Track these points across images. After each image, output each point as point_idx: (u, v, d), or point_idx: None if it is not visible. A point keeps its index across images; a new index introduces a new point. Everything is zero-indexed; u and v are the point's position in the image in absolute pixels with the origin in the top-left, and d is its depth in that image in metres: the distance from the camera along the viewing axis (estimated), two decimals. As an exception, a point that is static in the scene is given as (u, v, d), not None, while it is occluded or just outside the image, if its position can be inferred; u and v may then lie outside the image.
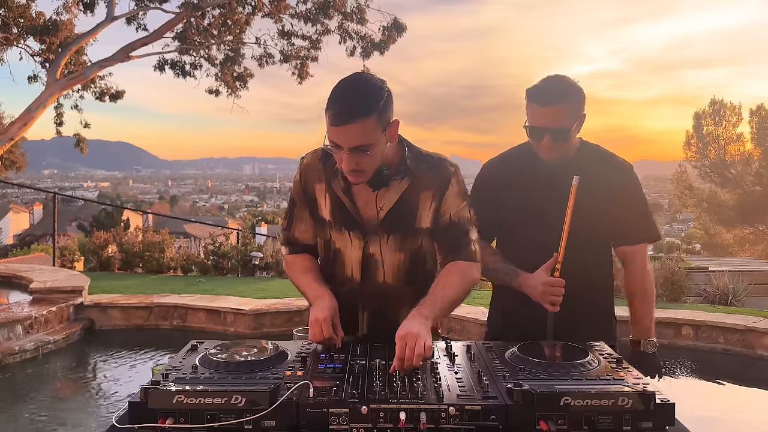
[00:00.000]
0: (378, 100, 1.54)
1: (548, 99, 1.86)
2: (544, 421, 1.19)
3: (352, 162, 1.55)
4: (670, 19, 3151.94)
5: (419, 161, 1.70)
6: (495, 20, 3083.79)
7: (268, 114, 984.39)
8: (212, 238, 9.95)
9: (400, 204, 1.69)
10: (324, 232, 1.78)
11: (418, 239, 1.73)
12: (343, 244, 1.75)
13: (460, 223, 1.71)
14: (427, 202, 1.70)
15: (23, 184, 24.77)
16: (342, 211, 1.72)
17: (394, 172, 1.66)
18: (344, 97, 1.53)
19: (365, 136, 1.52)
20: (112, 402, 4.52)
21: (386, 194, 1.68)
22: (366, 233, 1.71)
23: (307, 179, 1.77)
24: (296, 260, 1.84)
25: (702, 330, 5.73)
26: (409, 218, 1.70)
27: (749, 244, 23.92)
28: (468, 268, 1.69)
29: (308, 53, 13.22)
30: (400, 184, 1.68)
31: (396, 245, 1.72)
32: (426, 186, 1.69)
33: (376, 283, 1.75)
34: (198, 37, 12.63)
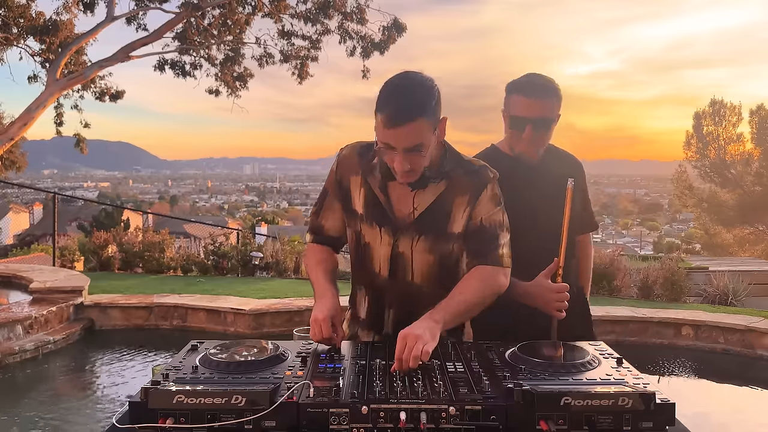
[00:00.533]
0: (431, 99, 1.54)
1: (534, 91, 1.91)
2: (544, 421, 1.19)
3: (406, 162, 1.55)
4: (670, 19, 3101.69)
5: (458, 165, 1.70)
6: (495, 20, 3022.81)
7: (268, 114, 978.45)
8: (212, 238, 9.94)
9: (434, 206, 1.68)
10: (354, 224, 1.77)
11: (450, 244, 1.70)
12: (372, 238, 1.73)
13: (491, 227, 1.68)
14: (461, 207, 1.68)
15: (23, 184, 24.78)
16: (376, 206, 1.71)
17: (434, 173, 1.66)
18: (398, 98, 1.52)
19: (420, 136, 1.53)
20: (113, 402, 4.52)
21: (423, 195, 1.67)
22: (397, 231, 1.70)
23: (343, 171, 1.77)
24: (315, 249, 1.85)
25: (702, 330, 5.73)
26: (441, 221, 1.69)
27: (749, 244, 23.93)
28: (493, 273, 1.65)
29: (308, 53, 13.24)
30: (437, 186, 1.67)
31: (426, 246, 1.70)
32: (462, 191, 1.68)
33: (404, 281, 1.73)
34: (198, 37, 12.64)
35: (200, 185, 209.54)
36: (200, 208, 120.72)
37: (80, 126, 13.79)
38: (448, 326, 1.56)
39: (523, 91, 1.92)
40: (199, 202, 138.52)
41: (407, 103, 1.51)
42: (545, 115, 1.92)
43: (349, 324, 1.87)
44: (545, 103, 1.91)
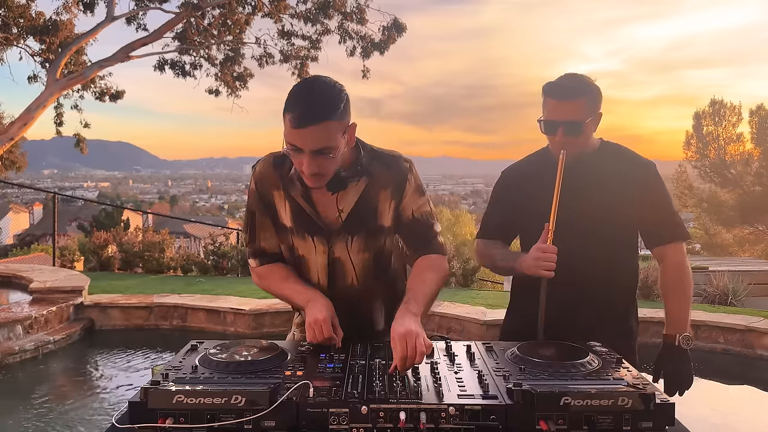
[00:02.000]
0: (339, 103, 1.53)
1: (562, 93, 1.89)
2: (544, 421, 1.19)
3: (314, 165, 1.54)
4: (670, 19, 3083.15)
5: (374, 160, 1.70)
6: (495, 20, 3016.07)
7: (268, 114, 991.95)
8: (212, 238, 9.94)
9: (360, 204, 1.69)
10: (287, 239, 1.76)
11: (381, 238, 1.74)
12: (306, 250, 1.74)
13: (423, 218, 1.73)
14: (386, 201, 1.70)
15: (23, 184, 24.77)
16: (303, 216, 1.71)
17: (351, 173, 1.66)
18: (306, 100, 1.52)
19: (327, 138, 1.52)
20: (112, 402, 4.52)
21: (345, 196, 1.68)
22: (330, 237, 1.71)
23: (262, 188, 1.75)
24: (272, 270, 1.81)
25: (702, 330, 5.73)
26: (370, 218, 1.70)
27: (749, 244, 23.92)
28: (439, 261, 1.73)
29: (308, 53, 13.23)
30: (357, 185, 1.67)
31: (360, 246, 1.72)
32: (383, 184, 1.69)
33: (343, 286, 1.75)
34: (198, 37, 12.63)
35: (200, 185, 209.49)
36: (200, 208, 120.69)
37: (80, 126, 13.81)
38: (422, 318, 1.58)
39: (552, 93, 1.90)
40: (199, 202, 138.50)
41: (315, 104, 1.50)
42: (574, 118, 1.87)
43: (300, 328, 1.90)
44: (573, 105, 1.87)
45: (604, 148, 2.01)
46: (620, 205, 1.92)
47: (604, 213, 1.91)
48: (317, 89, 1.54)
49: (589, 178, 1.92)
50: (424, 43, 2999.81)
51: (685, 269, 2.00)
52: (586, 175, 1.92)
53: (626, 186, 1.93)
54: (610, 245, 1.95)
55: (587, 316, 1.90)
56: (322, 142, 1.52)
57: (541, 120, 1.94)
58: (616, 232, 1.96)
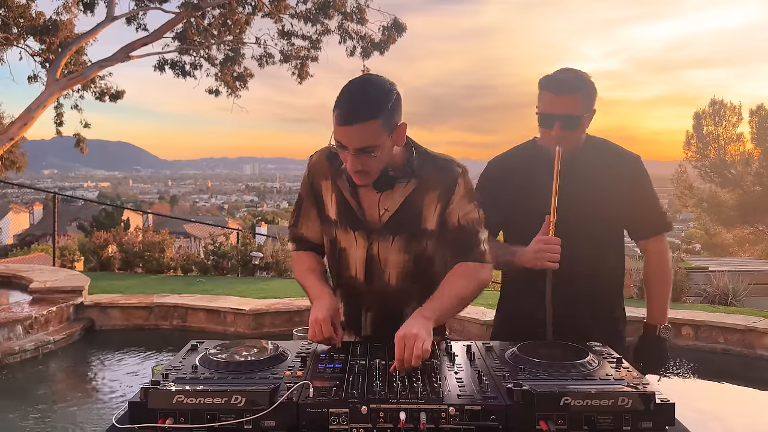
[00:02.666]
0: (386, 103, 1.53)
1: (561, 87, 1.88)
2: (544, 421, 1.19)
3: (357, 163, 1.55)
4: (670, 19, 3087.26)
5: (426, 162, 1.69)
6: (495, 20, 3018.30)
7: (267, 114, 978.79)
8: (212, 238, 9.95)
9: (404, 206, 1.67)
10: (330, 231, 1.78)
11: (423, 241, 1.71)
12: (348, 243, 1.74)
13: (469, 225, 1.68)
14: (432, 204, 1.68)
15: (23, 184, 24.77)
16: (347, 210, 1.72)
17: (400, 174, 1.65)
18: (352, 98, 1.53)
19: (371, 137, 1.52)
20: (112, 402, 4.52)
21: (391, 196, 1.67)
22: (370, 234, 1.71)
23: (314, 177, 1.78)
24: (302, 257, 1.85)
25: (702, 330, 5.73)
26: (413, 220, 1.69)
27: (749, 244, 23.93)
28: (476, 268, 1.67)
29: (308, 53, 13.23)
30: (405, 186, 1.66)
31: (401, 246, 1.70)
32: (431, 187, 1.67)
33: (380, 283, 1.73)
34: (198, 37, 12.63)
35: (200, 185, 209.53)
36: (200, 208, 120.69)
37: (80, 126, 13.81)
38: (439, 322, 1.57)
39: (550, 87, 1.90)
40: (199, 202, 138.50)
41: (360, 103, 1.51)
42: (572, 112, 1.88)
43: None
44: (571, 99, 1.88)
45: (590, 142, 2.01)
46: (607, 201, 1.93)
47: (592, 209, 1.91)
48: (365, 87, 1.55)
49: (577, 174, 1.92)
50: (424, 43, 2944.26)
51: (668, 261, 2.05)
52: (574, 170, 1.91)
53: (613, 182, 1.94)
54: (597, 241, 1.95)
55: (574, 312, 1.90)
56: (366, 141, 1.52)
57: (538, 113, 1.94)
58: (603, 229, 1.97)
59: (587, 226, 1.91)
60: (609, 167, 1.95)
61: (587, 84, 1.91)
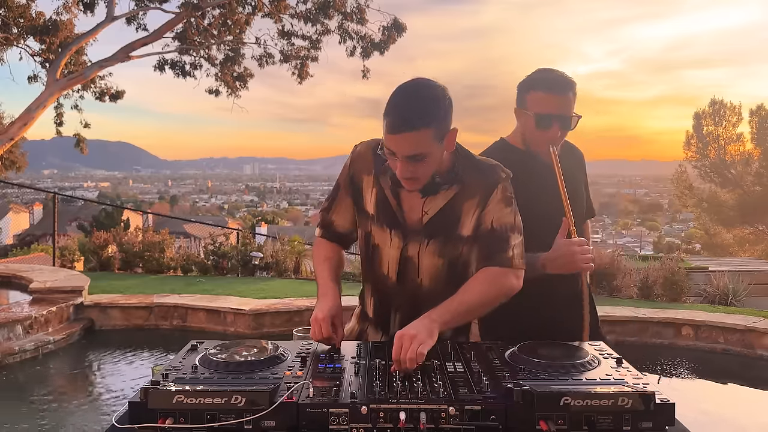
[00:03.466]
0: (437, 111, 1.52)
1: (557, 87, 1.88)
2: (544, 421, 1.19)
3: (407, 170, 1.54)
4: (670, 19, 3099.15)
5: (470, 168, 1.67)
6: (495, 20, 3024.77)
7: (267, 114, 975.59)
8: (212, 238, 9.95)
9: (445, 210, 1.66)
10: (366, 224, 1.76)
11: (459, 246, 1.69)
12: (382, 240, 1.72)
13: (501, 229, 1.65)
14: (471, 210, 1.67)
15: (23, 184, 24.79)
16: (386, 208, 1.70)
17: (445, 179, 1.64)
18: (403, 105, 1.51)
19: (421, 145, 1.51)
20: (112, 402, 4.52)
21: (433, 200, 1.66)
22: (407, 235, 1.69)
23: (356, 168, 1.76)
24: (323, 245, 1.85)
25: (702, 330, 5.73)
26: (451, 225, 1.68)
27: (749, 244, 23.93)
28: (499, 274, 1.62)
29: (308, 53, 13.23)
30: (448, 191, 1.65)
31: (436, 250, 1.68)
32: (472, 193, 1.66)
33: (412, 285, 1.72)
34: (198, 37, 12.63)
35: (200, 185, 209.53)
36: (200, 208, 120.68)
37: (80, 126, 13.82)
38: (449, 325, 1.55)
39: (545, 87, 1.89)
40: (199, 202, 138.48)
41: (412, 111, 1.49)
42: (568, 112, 1.89)
43: (359, 320, 1.88)
44: (567, 99, 1.89)
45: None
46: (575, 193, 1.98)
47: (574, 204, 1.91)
48: (416, 94, 1.52)
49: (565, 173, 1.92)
50: (424, 43, 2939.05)
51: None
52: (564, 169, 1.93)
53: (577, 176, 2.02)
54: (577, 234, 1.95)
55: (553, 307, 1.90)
56: (416, 149, 1.51)
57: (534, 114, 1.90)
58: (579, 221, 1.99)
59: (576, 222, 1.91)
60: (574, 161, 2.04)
61: (573, 85, 1.92)
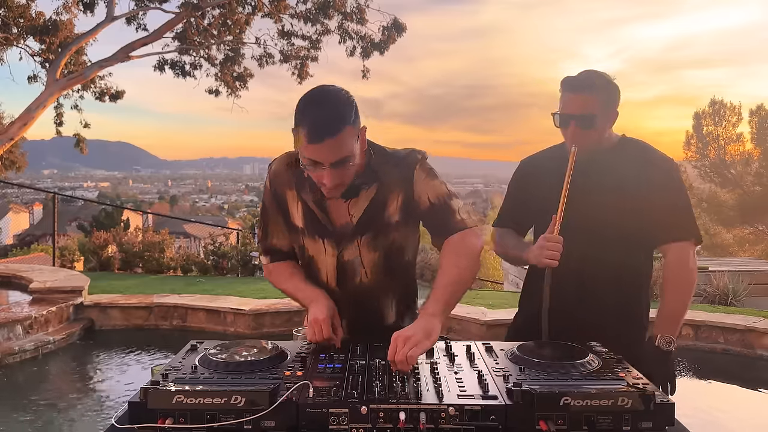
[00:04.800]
0: (350, 111, 1.52)
1: (576, 87, 1.90)
2: (544, 421, 1.19)
3: (335, 177, 1.53)
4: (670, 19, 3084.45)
5: (385, 162, 1.68)
6: (495, 20, 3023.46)
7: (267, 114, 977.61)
8: (212, 238, 9.95)
9: (370, 208, 1.67)
10: (297, 238, 1.76)
11: (390, 235, 1.70)
12: (316, 251, 1.73)
13: (440, 200, 1.66)
14: (394, 199, 1.68)
15: (23, 184, 24.79)
16: (314, 220, 1.70)
17: (363, 179, 1.64)
18: (318, 112, 1.49)
19: (344, 149, 1.50)
20: (112, 402, 4.52)
21: (356, 202, 1.66)
22: (340, 241, 1.70)
23: (277, 186, 1.75)
24: (279, 267, 1.83)
25: (702, 330, 5.73)
26: (379, 218, 1.69)
27: (749, 244, 23.93)
28: (461, 239, 1.62)
29: (308, 53, 13.23)
30: (369, 191, 1.66)
31: (369, 245, 1.70)
32: (393, 184, 1.67)
33: (352, 286, 1.73)
34: (198, 37, 12.63)
35: (200, 185, 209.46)
36: (200, 208, 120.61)
37: (80, 126, 13.80)
38: (447, 313, 1.55)
39: (567, 87, 1.91)
40: (199, 202, 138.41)
41: (329, 116, 1.48)
42: (586, 111, 1.87)
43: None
44: (586, 98, 1.87)
45: (623, 144, 1.99)
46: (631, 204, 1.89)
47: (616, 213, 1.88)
48: (325, 100, 1.51)
49: (603, 177, 1.90)
50: (424, 43, 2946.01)
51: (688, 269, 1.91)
52: (600, 173, 1.90)
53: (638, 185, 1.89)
54: (619, 247, 1.92)
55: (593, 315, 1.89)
56: (341, 153, 1.50)
57: (555, 113, 1.94)
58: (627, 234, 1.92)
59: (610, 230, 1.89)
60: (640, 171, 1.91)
61: (607, 84, 1.90)
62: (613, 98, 1.92)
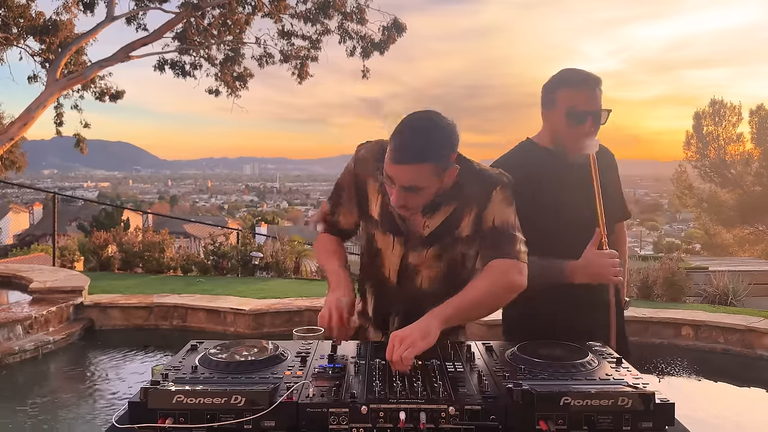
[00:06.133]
0: (440, 148, 1.52)
1: (587, 83, 1.89)
2: (544, 421, 1.19)
3: (402, 198, 1.55)
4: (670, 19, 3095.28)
5: (470, 180, 1.66)
6: (495, 20, 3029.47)
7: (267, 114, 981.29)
8: (212, 238, 9.94)
9: (444, 224, 1.68)
10: (369, 227, 1.78)
11: (457, 247, 1.71)
12: (385, 245, 1.75)
13: (504, 226, 1.64)
14: (468, 213, 1.67)
15: (23, 184, 24.80)
16: (390, 217, 1.71)
17: (444, 198, 1.64)
18: (408, 137, 1.51)
19: (418, 179, 1.52)
20: (112, 402, 4.52)
21: (433, 217, 1.67)
22: (408, 243, 1.71)
23: (360, 172, 1.75)
24: (327, 238, 1.85)
25: (702, 330, 5.73)
26: (451, 231, 1.69)
27: (749, 244, 23.93)
28: (505, 269, 1.59)
29: (308, 53, 13.23)
30: (447, 208, 1.67)
31: (435, 255, 1.71)
32: (472, 200, 1.66)
33: (412, 287, 1.74)
34: (198, 37, 12.63)
35: (200, 185, 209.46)
36: (200, 208, 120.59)
37: (80, 126, 13.80)
38: (451, 322, 1.54)
39: (576, 84, 1.90)
40: (199, 202, 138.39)
41: (415, 145, 1.50)
42: (599, 107, 1.89)
43: (359, 315, 1.88)
44: (597, 95, 1.89)
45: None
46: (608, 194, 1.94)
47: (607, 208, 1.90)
48: (424, 129, 1.52)
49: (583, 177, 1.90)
50: (424, 43, 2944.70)
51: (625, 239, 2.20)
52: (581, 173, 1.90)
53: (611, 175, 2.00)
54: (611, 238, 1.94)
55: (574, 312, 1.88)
56: (413, 182, 1.52)
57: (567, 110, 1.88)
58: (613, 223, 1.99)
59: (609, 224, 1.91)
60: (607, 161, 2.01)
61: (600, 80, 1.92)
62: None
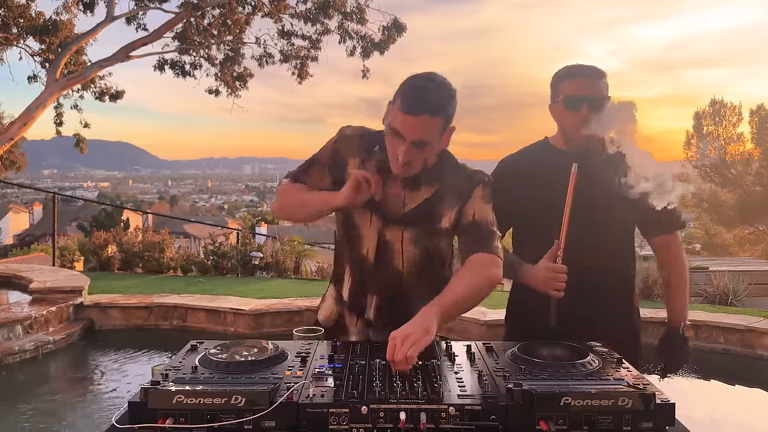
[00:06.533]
0: (450, 105, 1.59)
1: (587, 73, 1.91)
2: (544, 421, 1.19)
3: (409, 155, 1.57)
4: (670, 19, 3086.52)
5: (452, 170, 1.71)
6: (494, 20, 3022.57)
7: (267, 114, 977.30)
8: (212, 238, 9.95)
9: (422, 206, 1.70)
10: None
11: (436, 238, 1.73)
12: (362, 221, 1.73)
13: (484, 222, 1.68)
14: (451, 207, 1.70)
15: (23, 184, 24.80)
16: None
17: (427, 177, 1.68)
18: (424, 89, 1.56)
19: (430, 133, 1.57)
20: (112, 402, 4.52)
21: (413, 195, 1.69)
22: (386, 220, 1.71)
23: (342, 148, 1.75)
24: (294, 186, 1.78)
25: (702, 330, 5.73)
26: (429, 219, 1.71)
27: (749, 244, 23.95)
28: (486, 262, 1.61)
29: (308, 53, 13.23)
30: (429, 189, 1.69)
31: (412, 238, 1.71)
32: (452, 193, 1.69)
33: (390, 268, 1.73)
34: (198, 37, 12.63)
35: (200, 185, 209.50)
36: (200, 208, 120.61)
37: (80, 126, 13.79)
38: (447, 319, 1.53)
39: (573, 73, 1.92)
40: (199, 202, 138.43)
41: (432, 98, 1.55)
42: (600, 94, 1.88)
43: (335, 301, 1.88)
44: (597, 83, 1.90)
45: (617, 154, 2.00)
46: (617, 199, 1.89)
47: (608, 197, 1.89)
48: (436, 84, 1.58)
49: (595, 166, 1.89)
50: (424, 43, 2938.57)
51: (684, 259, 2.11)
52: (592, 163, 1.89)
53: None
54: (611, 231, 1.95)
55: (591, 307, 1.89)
56: (426, 135, 1.56)
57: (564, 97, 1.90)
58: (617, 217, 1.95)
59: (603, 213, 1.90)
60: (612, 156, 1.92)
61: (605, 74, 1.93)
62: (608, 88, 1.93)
